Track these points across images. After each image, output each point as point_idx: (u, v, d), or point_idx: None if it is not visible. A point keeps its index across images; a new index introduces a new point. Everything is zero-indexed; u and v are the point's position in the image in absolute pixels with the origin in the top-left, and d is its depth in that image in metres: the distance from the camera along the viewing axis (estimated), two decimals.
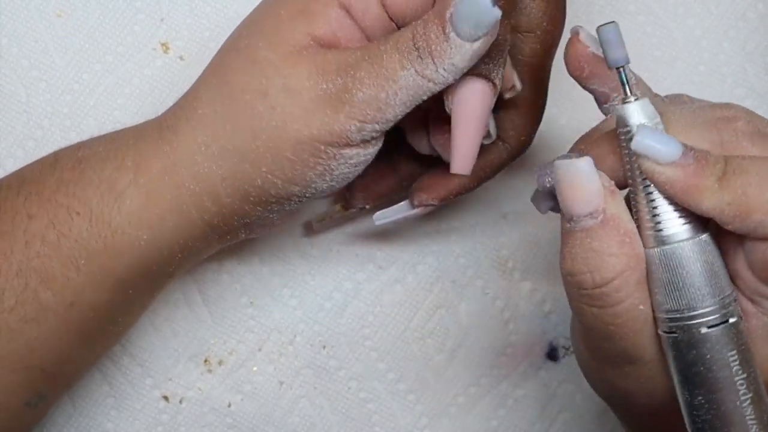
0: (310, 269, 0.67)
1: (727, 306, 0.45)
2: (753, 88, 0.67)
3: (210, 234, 0.55)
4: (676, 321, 0.45)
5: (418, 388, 0.67)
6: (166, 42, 0.65)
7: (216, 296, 0.66)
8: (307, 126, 0.51)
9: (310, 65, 0.51)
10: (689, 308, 0.45)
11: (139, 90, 0.65)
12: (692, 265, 0.44)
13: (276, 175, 0.52)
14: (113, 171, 0.54)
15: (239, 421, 0.66)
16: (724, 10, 0.67)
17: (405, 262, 0.67)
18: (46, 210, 0.54)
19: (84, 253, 0.53)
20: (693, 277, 0.44)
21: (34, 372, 0.55)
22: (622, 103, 0.46)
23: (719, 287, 0.45)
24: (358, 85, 0.51)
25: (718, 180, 0.44)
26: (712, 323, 0.44)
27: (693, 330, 0.45)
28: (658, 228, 0.45)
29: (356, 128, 0.51)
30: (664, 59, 0.67)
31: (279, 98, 0.51)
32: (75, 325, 0.54)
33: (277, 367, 0.67)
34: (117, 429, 0.66)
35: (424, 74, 0.50)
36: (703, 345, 0.44)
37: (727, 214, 0.44)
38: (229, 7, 0.65)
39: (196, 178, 0.53)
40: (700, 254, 0.45)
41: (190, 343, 0.66)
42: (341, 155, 0.52)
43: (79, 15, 0.65)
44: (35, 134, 0.65)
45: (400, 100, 0.51)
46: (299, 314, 0.67)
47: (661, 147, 0.44)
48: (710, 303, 0.45)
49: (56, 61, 0.65)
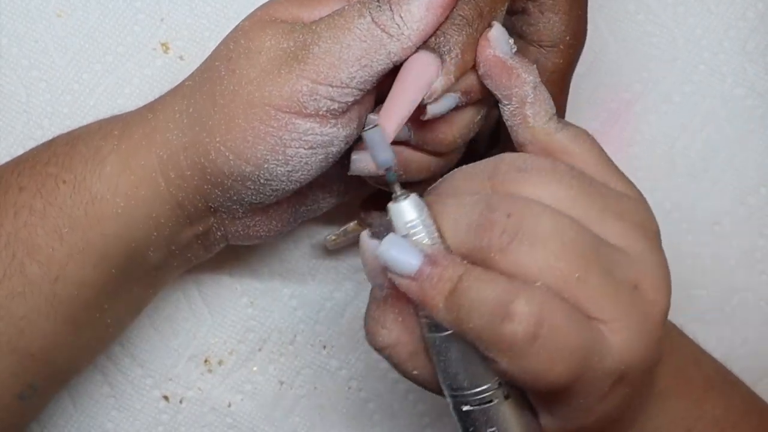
0: (311, 269, 0.67)
1: (488, 389, 0.48)
2: (753, 87, 0.67)
3: (180, 214, 0.55)
4: (449, 395, 0.49)
5: (419, 387, 0.67)
6: (166, 42, 0.65)
7: (216, 296, 0.66)
8: (259, 87, 0.50)
9: (277, 28, 0.51)
10: (452, 388, 0.49)
11: (140, 90, 0.65)
12: (447, 354, 0.48)
13: (228, 147, 0.51)
14: (100, 140, 0.54)
15: (239, 421, 0.66)
16: (724, 10, 0.67)
17: None
18: (36, 181, 0.54)
19: (67, 221, 0.54)
20: (449, 364, 0.48)
21: (24, 357, 0.55)
22: (392, 201, 0.48)
23: (476, 374, 0.48)
24: (316, 38, 0.50)
25: (445, 297, 0.46)
26: (473, 403, 0.48)
27: (458, 406, 0.49)
28: (424, 317, 0.48)
29: (308, 90, 0.50)
30: (664, 58, 0.67)
31: (240, 61, 0.51)
32: (60, 304, 0.54)
33: (277, 367, 0.67)
34: (117, 429, 0.66)
35: (379, 21, 0.50)
36: (465, 419, 0.49)
37: (452, 329, 0.47)
38: (229, 7, 0.65)
39: (166, 145, 0.53)
40: (453, 345, 0.48)
41: (190, 343, 0.66)
42: (293, 125, 0.51)
43: (79, 15, 0.65)
44: (35, 134, 0.65)
45: (354, 55, 0.50)
46: (299, 314, 0.67)
47: (399, 259, 0.46)
48: (468, 386, 0.48)
49: (56, 61, 0.65)
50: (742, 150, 0.67)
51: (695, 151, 0.67)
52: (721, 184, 0.67)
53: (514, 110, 0.51)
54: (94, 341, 0.59)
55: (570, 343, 0.46)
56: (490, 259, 0.47)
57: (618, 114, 0.67)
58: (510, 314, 0.45)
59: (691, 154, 0.67)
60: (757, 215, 0.68)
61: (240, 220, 0.56)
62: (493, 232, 0.47)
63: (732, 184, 0.67)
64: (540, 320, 0.45)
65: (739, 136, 0.67)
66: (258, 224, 0.57)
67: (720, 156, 0.67)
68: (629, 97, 0.67)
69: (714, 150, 0.68)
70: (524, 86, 0.51)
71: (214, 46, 0.62)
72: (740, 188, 0.68)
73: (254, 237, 0.57)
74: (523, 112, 0.51)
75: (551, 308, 0.46)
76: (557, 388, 0.47)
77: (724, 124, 0.67)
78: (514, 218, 0.47)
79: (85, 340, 0.57)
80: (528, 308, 0.45)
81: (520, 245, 0.46)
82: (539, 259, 0.46)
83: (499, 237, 0.46)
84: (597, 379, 0.47)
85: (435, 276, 0.47)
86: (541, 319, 0.45)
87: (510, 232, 0.46)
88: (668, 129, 0.67)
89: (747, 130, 0.67)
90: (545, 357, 0.46)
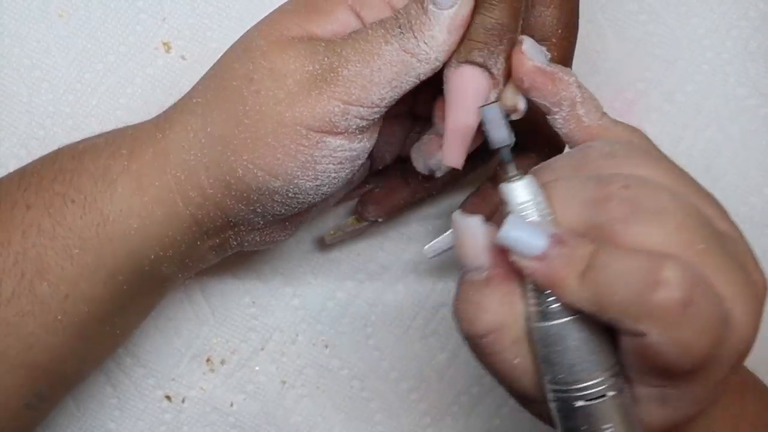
0: (313, 269, 0.67)
1: (603, 382, 0.46)
2: (756, 87, 0.67)
3: (197, 231, 0.55)
4: (554, 391, 0.46)
5: (421, 386, 0.67)
6: (168, 41, 0.65)
7: (218, 296, 0.66)
8: (289, 107, 0.51)
9: (299, 50, 0.51)
10: (563, 382, 0.46)
11: (141, 89, 0.65)
12: (563, 344, 0.45)
13: (257, 165, 0.51)
14: (108, 159, 0.54)
15: (242, 421, 0.66)
16: (726, 9, 0.67)
17: (407, 261, 0.67)
18: (43, 199, 0.54)
19: (78, 241, 0.53)
20: (564, 355, 0.45)
21: (32, 370, 0.55)
22: (506, 182, 0.47)
23: (592, 365, 0.46)
24: (344, 62, 0.51)
25: (579, 276, 0.44)
26: (588, 397, 0.45)
27: (569, 402, 0.46)
28: (535, 305, 0.46)
29: (340, 111, 0.51)
30: (667, 58, 0.67)
31: (264, 82, 0.51)
32: (70, 321, 0.54)
33: (279, 366, 0.67)
34: (120, 429, 0.66)
35: (407, 48, 0.50)
36: (578, 417, 0.46)
37: (587, 308, 0.45)
38: (231, 6, 0.65)
39: (182, 166, 0.53)
40: (571, 335, 0.45)
41: (192, 342, 0.66)
42: (324, 144, 0.51)
43: (81, 15, 0.65)
44: (38, 134, 0.65)
45: (385, 78, 0.51)
46: (301, 313, 0.67)
47: (524, 241, 0.45)
48: (584, 379, 0.46)
49: (58, 61, 0.65)
50: (745, 149, 0.67)
51: (698, 150, 0.67)
52: (724, 184, 0.67)
53: (567, 115, 0.51)
54: (102, 350, 0.59)
55: (717, 311, 0.44)
56: (613, 232, 0.45)
57: (621, 113, 0.67)
58: (662, 281, 0.43)
59: (693, 154, 0.67)
60: (760, 215, 0.68)
61: (258, 230, 0.56)
62: (612, 204, 0.45)
63: (734, 184, 0.67)
64: (693, 285, 0.43)
65: (742, 136, 0.67)
66: (275, 231, 0.57)
67: (722, 155, 0.67)
68: (632, 97, 0.67)
69: (716, 149, 0.67)
70: (570, 87, 0.51)
71: (216, 45, 0.62)
72: (743, 188, 0.68)
73: (269, 242, 0.57)
74: (575, 114, 0.50)
75: (695, 276, 0.44)
76: (700, 363, 0.45)
77: (727, 123, 0.67)
78: (631, 190, 0.45)
79: (93, 350, 0.58)
80: (679, 273, 0.43)
81: (643, 215, 0.45)
82: (664, 230, 0.45)
83: (618, 208, 0.45)
84: (724, 359, 0.45)
85: (565, 255, 0.45)
86: (691, 285, 0.43)
87: (629, 203, 0.45)
88: (671, 128, 0.67)
89: (749, 130, 0.67)
90: (698, 325, 0.44)
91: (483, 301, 0.47)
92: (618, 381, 0.46)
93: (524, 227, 0.45)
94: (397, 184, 0.62)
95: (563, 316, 0.46)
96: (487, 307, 0.46)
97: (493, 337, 0.47)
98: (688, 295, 0.43)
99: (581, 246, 0.45)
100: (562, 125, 0.51)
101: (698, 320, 0.44)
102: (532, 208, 0.46)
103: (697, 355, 0.44)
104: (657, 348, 0.44)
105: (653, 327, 0.44)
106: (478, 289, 0.47)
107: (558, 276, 0.45)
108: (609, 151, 0.48)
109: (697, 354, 0.44)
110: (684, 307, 0.43)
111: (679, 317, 0.43)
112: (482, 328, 0.47)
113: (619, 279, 0.44)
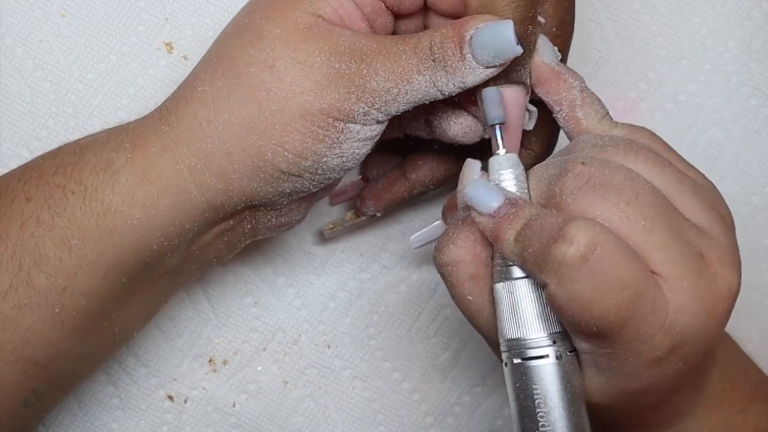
0: (315, 269, 0.67)
1: (537, 343, 0.50)
2: (758, 86, 0.67)
3: (211, 216, 0.54)
4: (504, 348, 0.51)
5: (423, 387, 0.67)
6: (170, 42, 0.65)
7: (220, 296, 0.66)
8: (318, 98, 0.52)
9: (322, 43, 0.52)
10: (506, 338, 0.50)
11: (144, 90, 0.65)
12: (510, 301, 0.50)
13: (286, 148, 0.52)
14: (111, 152, 0.54)
15: (244, 421, 0.66)
16: (729, 9, 0.67)
17: (409, 262, 0.67)
18: (43, 192, 0.54)
19: (77, 232, 0.53)
20: (509, 311, 0.50)
21: (29, 366, 0.54)
22: (493, 155, 0.52)
23: (531, 326, 0.50)
24: (373, 74, 0.52)
25: (516, 233, 0.49)
26: (523, 355, 0.50)
27: (510, 357, 0.50)
28: (497, 265, 0.51)
29: (363, 111, 0.52)
30: (670, 58, 0.67)
31: (289, 71, 0.52)
32: (68, 314, 0.54)
33: (281, 366, 0.67)
34: (122, 429, 0.66)
35: (436, 84, 0.52)
36: (514, 373, 0.50)
37: (517, 262, 0.49)
38: (233, 6, 0.65)
39: (198, 155, 0.53)
40: (517, 294, 0.50)
41: (194, 342, 0.66)
42: (348, 129, 0.53)
43: (83, 15, 0.65)
44: (40, 134, 0.65)
45: (408, 100, 0.52)
46: (304, 314, 0.67)
47: (480, 199, 0.50)
48: (521, 337, 0.50)
49: (60, 61, 0.65)
50: (747, 149, 0.67)
51: (700, 150, 0.67)
52: (726, 183, 0.67)
53: (566, 115, 0.54)
54: (100, 349, 0.58)
55: (621, 277, 0.47)
56: (562, 203, 0.49)
57: (624, 113, 0.67)
58: (562, 235, 0.47)
59: (695, 153, 0.67)
60: (762, 214, 0.68)
61: (275, 210, 0.56)
62: (567, 177, 0.49)
63: (737, 183, 0.67)
64: (591, 245, 0.46)
65: (744, 136, 0.67)
66: (291, 212, 0.57)
67: (725, 155, 0.67)
68: (635, 96, 0.67)
69: (719, 149, 0.67)
70: (572, 90, 0.53)
71: None
72: (745, 187, 0.67)
73: (284, 225, 0.58)
74: (574, 116, 0.54)
75: (606, 239, 0.47)
76: (605, 327, 0.47)
77: (729, 123, 0.67)
78: (588, 167, 0.49)
79: (91, 348, 0.57)
80: (581, 233, 0.46)
81: (591, 190, 0.48)
82: (605, 204, 0.48)
83: (572, 181, 0.49)
84: (648, 335, 0.48)
85: (511, 214, 0.49)
86: (593, 244, 0.46)
87: (582, 177, 0.49)
88: (673, 128, 0.67)
89: (752, 130, 0.67)
90: (593, 284, 0.47)
91: (455, 235, 0.52)
92: (559, 347, 0.50)
93: (485, 187, 0.50)
94: (395, 178, 0.62)
95: (515, 276, 0.50)
96: (455, 241, 0.52)
97: (453, 268, 0.52)
98: (585, 251, 0.46)
99: (526, 208, 0.49)
100: (564, 125, 0.54)
101: (596, 279, 0.46)
102: (512, 180, 0.51)
103: (597, 314, 0.47)
104: (558, 301, 0.47)
105: (551, 278, 0.47)
106: (457, 226, 0.52)
107: (499, 231, 0.49)
108: (594, 143, 0.51)
109: (597, 313, 0.47)
110: (580, 263, 0.46)
111: (575, 272, 0.46)
112: (447, 258, 0.52)
113: (536, 234, 0.48)
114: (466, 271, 0.52)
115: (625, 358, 0.48)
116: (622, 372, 0.49)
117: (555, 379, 0.49)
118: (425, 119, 0.57)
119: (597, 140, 0.51)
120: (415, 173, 0.61)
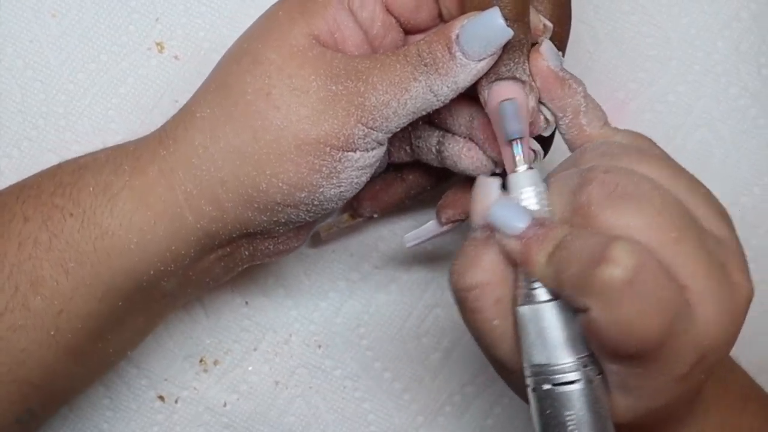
0: (306, 269, 0.67)
1: (570, 368, 0.48)
2: (746, 87, 0.67)
3: (207, 243, 0.54)
4: (529, 370, 0.49)
5: (414, 387, 0.67)
6: (161, 41, 0.65)
7: (211, 296, 0.66)
8: (314, 126, 0.51)
9: (317, 66, 0.52)
10: (535, 363, 0.48)
11: (134, 89, 0.65)
12: (538, 326, 0.48)
13: (281, 179, 0.52)
14: (110, 174, 0.54)
15: (235, 421, 0.66)
16: (717, 10, 0.67)
17: (400, 262, 0.67)
18: (42, 212, 0.54)
19: (74, 255, 0.53)
20: (538, 336, 0.48)
21: (24, 386, 0.54)
22: (513, 171, 0.50)
23: (562, 351, 0.48)
24: (371, 89, 0.51)
25: (548, 255, 0.47)
26: (555, 381, 0.48)
27: (539, 384, 0.48)
28: (522, 287, 0.49)
29: (363, 134, 0.51)
30: (659, 59, 0.67)
31: (284, 98, 0.51)
32: (63, 337, 0.54)
33: (272, 366, 0.67)
34: (113, 429, 0.66)
35: (432, 88, 0.51)
36: (544, 399, 0.48)
37: (550, 285, 0.47)
38: (224, 6, 0.65)
39: (194, 181, 0.53)
40: (546, 317, 0.48)
41: (185, 343, 0.66)
42: (346, 158, 0.52)
43: (73, 15, 0.65)
44: (30, 134, 0.64)
45: (407, 111, 0.52)
46: (294, 314, 0.67)
47: (507, 221, 0.48)
48: (552, 363, 0.48)
49: (51, 60, 0.65)
50: (736, 149, 0.68)
51: (689, 150, 0.68)
52: (715, 184, 0.67)
53: (570, 122, 0.53)
54: (95, 369, 0.58)
55: (664, 297, 0.45)
56: (589, 214, 0.47)
57: (613, 113, 0.67)
58: (607, 258, 0.44)
59: (684, 154, 0.67)
60: (751, 215, 0.68)
61: (273, 239, 0.56)
62: (591, 186, 0.47)
63: (726, 184, 0.68)
64: (638, 266, 0.44)
65: (733, 136, 0.68)
66: (289, 239, 0.57)
67: (714, 155, 0.68)
68: (624, 97, 0.68)
69: (708, 149, 0.68)
70: (576, 96, 0.53)
71: (209, 45, 0.61)
72: (734, 188, 0.68)
73: (282, 251, 0.57)
74: (578, 122, 0.52)
75: (648, 259, 0.45)
76: (645, 348, 0.45)
77: (718, 123, 0.68)
78: (612, 175, 0.47)
79: (86, 368, 0.57)
80: (626, 253, 0.44)
81: (619, 199, 0.46)
82: (638, 215, 0.46)
83: (596, 190, 0.47)
84: (680, 352, 0.46)
85: (540, 235, 0.47)
86: (640, 265, 0.44)
87: (607, 186, 0.47)
88: (662, 128, 0.68)
89: (740, 130, 0.68)
90: (639, 307, 0.44)
91: (477, 256, 0.49)
92: (589, 371, 0.48)
93: (510, 208, 0.48)
94: (392, 179, 0.62)
95: (542, 300, 0.48)
96: (479, 262, 0.49)
97: (478, 292, 0.49)
98: (631, 274, 0.44)
99: (556, 229, 0.47)
100: (565, 131, 0.53)
101: (641, 302, 0.44)
102: (533, 198, 0.49)
103: (640, 337, 0.45)
104: (599, 325, 0.45)
105: (595, 303, 0.45)
106: (477, 245, 0.49)
107: (530, 254, 0.47)
108: (603, 150, 0.50)
109: (640, 336, 0.45)
110: (626, 286, 0.44)
111: (621, 295, 0.44)
112: (470, 281, 0.49)
113: (574, 256, 0.46)
114: (493, 295, 0.49)
115: (656, 377, 0.47)
116: (650, 390, 0.48)
117: (587, 404, 0.48)
118: (437, 149, 0.57)
119: (605, 148, 0.50)
120: (412, 174, 0.61)
